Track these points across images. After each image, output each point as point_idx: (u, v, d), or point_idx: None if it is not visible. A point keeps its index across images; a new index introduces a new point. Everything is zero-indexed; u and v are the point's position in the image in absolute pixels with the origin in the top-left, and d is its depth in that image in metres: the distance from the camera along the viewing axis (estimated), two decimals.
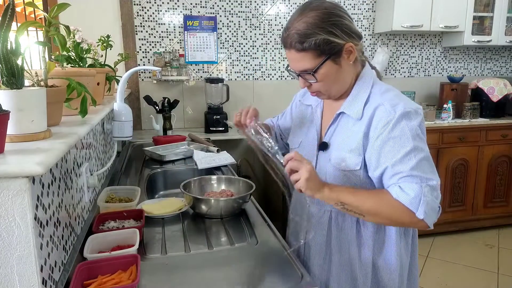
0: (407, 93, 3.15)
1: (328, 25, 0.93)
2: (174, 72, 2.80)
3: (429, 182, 0.91)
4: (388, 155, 0.94)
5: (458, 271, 2.68)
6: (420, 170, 0.91)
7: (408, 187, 0.90)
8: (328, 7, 0.95)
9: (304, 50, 0.94)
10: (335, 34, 0.93)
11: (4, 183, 0.64)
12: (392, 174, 0.93)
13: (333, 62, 0.96)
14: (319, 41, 0.92)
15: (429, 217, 0.90)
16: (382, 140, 0.94)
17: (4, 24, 0.73)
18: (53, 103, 0.92)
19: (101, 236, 1.03)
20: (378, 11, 3.23)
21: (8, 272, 0.67)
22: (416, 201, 0.89)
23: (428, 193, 0.90)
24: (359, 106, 1.00)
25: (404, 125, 0.93)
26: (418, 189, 0.89)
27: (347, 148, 1.00)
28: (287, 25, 0.97)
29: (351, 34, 0.96)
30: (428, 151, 0.96)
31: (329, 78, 0.98)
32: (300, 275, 0.94)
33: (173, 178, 1.82)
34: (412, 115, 0.94)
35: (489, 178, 3.17)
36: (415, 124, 0.94)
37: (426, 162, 0.93)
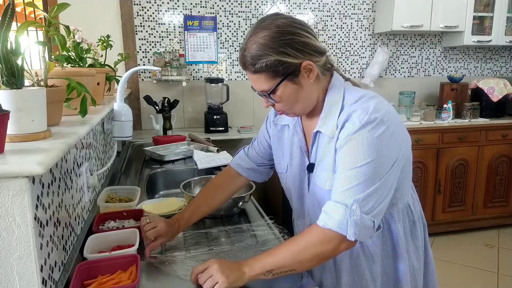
0: (407, 93, 3.15)
1: (280, 45, 0.87)
2: (174, 72, 2.80)
3: (360, 197, 0.83)
4: (339, 165, 0.89)
5: (458, 271, 2.68)
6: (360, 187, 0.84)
7: (333, 210, 0.84)
8: (280, 25, 0.88)
9: (257, 72, 0.90)
10: (287, 54, 0.87)
11: (4, 183, 0.64)
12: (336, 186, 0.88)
13: (291, 82, 0.91)
14: (270, 63, 0.87)
15: (361, 236, 0.83)
16: (339, 149, 0.90)
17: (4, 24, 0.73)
18: (53, 103, 0.92)
19: (101, 236, 1.03)
20: (378, 11, 3.23)
21: (8, 272, 0.67)
22: (343, 223, 0.82)
23: (357, 210, 0.82)
24: (333, 123, 0.94)
25: (363, 136, 0.86)
26: (343, 210, 0.82)
27: (326, 167, 0.95)
28: (242, 45, 0.92)
29: (307, 52, 0.90)
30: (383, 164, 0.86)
31: (288, 99, 0.93)
32: (300, 275, 0.94)
33: (173, 178, 1.83)
34: (376, 125, 0.86)
35: (489, 178, 3.17)
36: (376, 135, 0.85)
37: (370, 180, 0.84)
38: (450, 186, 3.09)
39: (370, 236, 0.86)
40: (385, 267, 1.03)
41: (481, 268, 2.71)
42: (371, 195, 0.84)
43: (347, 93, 0.96)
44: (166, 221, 1.08)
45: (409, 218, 1.04)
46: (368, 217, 0.84)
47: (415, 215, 1.05)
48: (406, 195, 1.02)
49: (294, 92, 0.92)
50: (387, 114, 0.89)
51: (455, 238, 3.14)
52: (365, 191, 0.84)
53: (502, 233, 3.23)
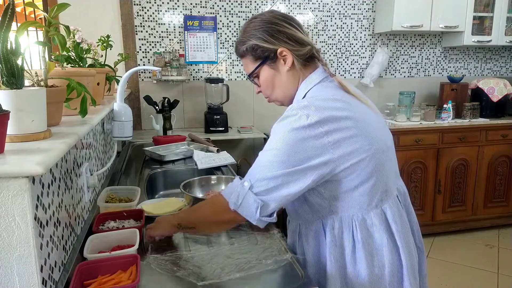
0: (407, 93, 3.15)
1: (259, 32, 1.00)
2: (174, 72, 2.80)
3: (256, 177, 0.90)
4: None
5: (458, 271, 2.68)
6: (258, 169, 0.91)
7: (233, 182, 0.97)
8: (265, 17, 1.02)
9: (242, 56, 1.06)
10: (264, 40, 0.99)
11: (4, 183, 0.64)
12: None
13: (269, 66, 1.02)
14: (248, 47, 1.02)
15: (241, 209, 0.91)
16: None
17: (4, 24, 0.73)
18: (53, 103, 0.92)
19: (101, 236, 1.03)
20: (378, 11, 3.23)
21: (8, 272, 0.67)
22: (230, 192, 0.94)
23: (246, 186, 0.91)
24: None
25: (279, 127, 0.90)
26: (237, 183, 0.94)
27: None
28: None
29: (284, 40, 0.99)
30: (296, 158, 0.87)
31: (267, 82, 1.04)
32: (300, 275, 0.94)
33: (173, 178, 1.83)
34: (295, 119, 0.87)
35: (489, 178, 3.17)
36: (290, 128, 0.87)
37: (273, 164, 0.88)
38: (450, 186, 3.09)
39: (254, 216, 0.91)
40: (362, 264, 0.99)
41: (481, 268, 2.71)
42: (266, 180, 0.89)
43: (312, 90, 0.99)
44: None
45: (353, 234, 0.96)
46: (254, 197, 0.90)
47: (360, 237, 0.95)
48: (353, 210, 0.95)
49: (271, 76, 1.04)
50: (328, 119, 0.87)
51: (455, 238, 3.14)
52: (262, 173, 0.90)
53: (502, 233, 3.23)
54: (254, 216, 0.91)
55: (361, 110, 0.95)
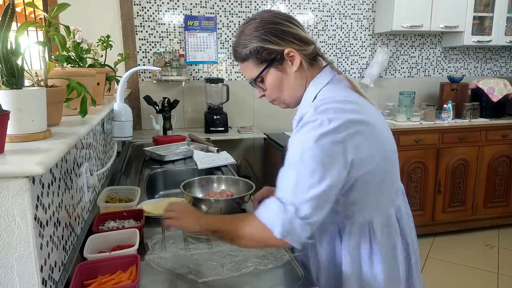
0: (407, 93, 3.15)
1: (262, 33, 0.94)
2: (174, 72, 2.80)
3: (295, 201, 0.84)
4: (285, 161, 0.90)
5: (458, 271, 2.68)
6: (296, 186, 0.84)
7: (270, 204, 0.87)
8: (265, 17, 0.96)
9: (244, 59, 0.98)
10: (269, 41, 0.94)
11: (4, 183, 0.64)
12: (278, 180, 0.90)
13: (276, 68, 0.96)
14: (253, 50, 0.95)
15: (290, 238, 0.85)
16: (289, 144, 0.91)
17: (4, 24, 0.73)
18: (53, 103, 0.92)
19: (101, 236, 1.03)
20: (378, 11, 3.23)
21: (8, 272, 0.67)
22: (274, 219, 0.85)
23: (291, 211, 0.84)
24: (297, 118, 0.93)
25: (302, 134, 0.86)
26: (280, 207, 0.85)
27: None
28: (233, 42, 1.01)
29: (289, 40, 0.94)
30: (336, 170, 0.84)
31: (274, 85, 0.98)
32: (300, 275, 0.94)
33: (173, 178, 1.82)
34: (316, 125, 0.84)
35: (489, 178, 3.17)
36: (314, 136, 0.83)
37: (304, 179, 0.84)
38: (450, 186, 3.09)
39: (300, 242, 0.86)
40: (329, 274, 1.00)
41: (481, 268, 2.71)
42: (310, 200, 0.83)
43: (323, 90, 0.95)
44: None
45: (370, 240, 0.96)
46: (301, 222, 0.84)
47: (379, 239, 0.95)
48: (370, 213, 0.95)
49: (279, 79, 0.98)
50: (348, 123, 0.85)
51: (455, 238, 3.14)
52: (304, 194, 0.83)
53: (502, 233, 3.23)
54: (300, 241, 0.86)
55: (372, 112, 0.94)
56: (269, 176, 2.99)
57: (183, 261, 1.00)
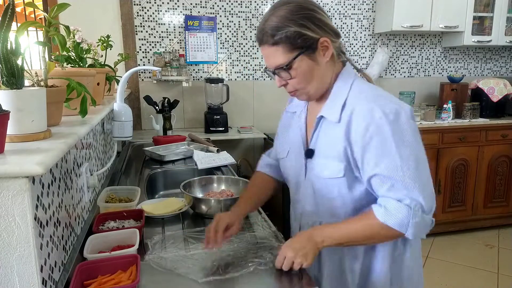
0: (407, 93, 3.15)
1: (299, 18, 0.89)
2: (174, 72, 2.80)
3: (419, 197, 0.87)
4: (371, 163, 0.90)
5: (458, 271, 2.68)
6: (409, 182, 0.87)
7: (394, 208, 0.88)
8: (300, 2, 0.91)
9: (276, 43, 0.91)
10: (307, 27, 0.89)
11: (4, 183, 0.64)
12: (378, 183, 0.91)
13: (308, 57, 0.92)
14: (290, 34, 0.89)
15: (419, 235, 0.90)
16: (363, 146, 0.90)
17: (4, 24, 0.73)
18: (53, 103, 0.92)
19: (101, 236, 1.03)
20: (378, 11, 3.23)
21: (8, 272, 0.67)
22: (405, 223, 0.87)
23: (418, 212, 0.87)
24: (337, 109, 0.95)
25: (385, 130, 0.87)
26: (406, 211, 0.87)
27: (329, 154, 0.96)
28: (261, 21, 0.94)
29: (325, 29, 0.92)
30: (417, 151, 0.92)
31: (304, 75, 0.94)
32: (300, 275, 0.94)
33: (173, 178, 1.82)
34: (392, 117, 0.88)
35: (489, 178, 3.17)
36: (402, 130, 0.88)
37: (415, 171, 0.88)
38: (450, 186, 3.09)
39: (426, 232, 0.91)
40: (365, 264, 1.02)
41: (481, 268, 2.71)
42: (426, 190, 0.89)
43: (355, 84, 0.97)
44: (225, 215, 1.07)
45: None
46: (429, 217, 0.90)
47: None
48: None
49: (309, 67, 0.93)
50: (399, 103, 0.92)
51: (455, 238, 3.14)
52: (420, 190, 0.88)
53: (502, 233, 3.23)
54: (427, 232, 0.92)
55: None
56: None
57: (183, 261, 1.00)
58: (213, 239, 1.01)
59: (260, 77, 3.14)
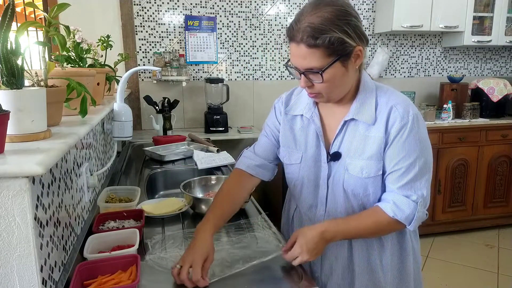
0: (407, 93, 3.15)
1: (344, 24, 0.87)
2: (174, 72, 2.80)
3: (424, 193, 0.98)
4: (395, 159, 0.97)
5: (458, 271, 2.68)
6: (419, 180, 0.97)
7: (403, 204, 0.96)
8: (344, 5, 0.89)
9: (316, 46, 0.87)
10: (349, 35, 0.87)
11: (4, 183, 0.64)
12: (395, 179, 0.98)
13: (341, 64, 0.90)
14: (333, 39, 0.86)
15: (416, 227, 1.00)
16: (395, 143, 0.96)
17: (4, 24, 0.73)
18: (53, 103, 0.92)
19: (101, 236, 1.03)
20: (378, 11, 3.23)
21: (8, 272, 0.67)
22: (410, 217, 0.97)
23: (421, 207, 0.97)
24: (371, 111, 0.97)
25: (416, 131, 0.96)
26: (414, 207, 0.96)
27: (365, 155, 0.98)
28: (298, 17, 0.89)
29: (362, 38, 0.91)
30: (429, 154, 1.00)
31: (334, 81, 0.92)
32: (300, 275, 0.94)
33: (173, 178, 1.82)
34: (420, 120, 0.97)
35: (489, 178, 3.17)
36: (423, 130, 0.98)
37: (424, 170, 0.98)
38: (450, 186, 3.09)
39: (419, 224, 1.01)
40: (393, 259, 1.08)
41: (481, 268, 2.71)
42: (428, 192, 0.98)
43: (378, 87, 1.03)
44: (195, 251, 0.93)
45: None
46: (425, 211, 0.99)
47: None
48: None
49: (340, 74, 0.93)
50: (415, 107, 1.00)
51: (455, 238, 3.14)
52: (426, 187, 0.97)
53: (502, 233, 3.23)
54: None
55: None
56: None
57: None
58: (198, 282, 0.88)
59: (260, 77, 3.14)
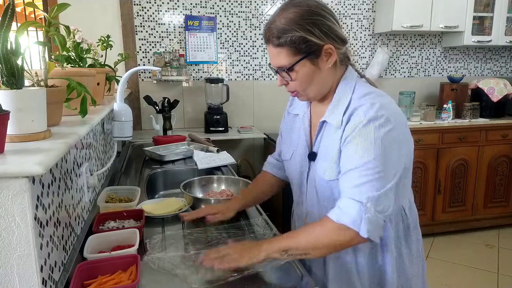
0: (407, 93, 3.15)
1: (307, 23, 0.90)
2: (174, 72, 2.80)
3: (374, 195, 0.86)
4: (347, 160, 0.91)
5: (458, 271, 2.68)
6: (370, 182, 0.87)
7: (348, 206, 0.87)
8: (311, 6, 0.92)
9: (280, 45, 0.92)
10: (313, 33, 0.90)
11: (4, 183, 0.64)
12: (344, 181, 0.91)
13: (310, 62, 0.93)
14: (295, 38, 0.90)
15: (373, 234, 0.87)
16: (347, 143, 0.92)
17: (4, 24, 0.73)
18: (53, 103, 0.92)
19: (101, 236, 1.03)
20: (378, 11, 3.23)
21: (8, 272, 0.67)
22: (358, 220, 0.85)
23: (371, 208, 0.86)
24: (339, 114, 0.96)
25: (372, 131, 0.88)
26: (358, 208, 0.86)
27: (329, 157, 0.98)
28: (270, 19, 0.95)
29: (331, 36, 0.93)
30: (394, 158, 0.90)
31: (304, 78, 0.96)
32: (300, 275, 0.94)
33: (173, 178, 1.82)
34: (384, 123, 0.88)
35: (489, 178, 3.17)
36: (388, 134, 0.88)
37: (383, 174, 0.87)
38: (450, 186, 3.09)
39: (380, 235, 0.89)
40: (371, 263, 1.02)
41: (481, 268, 2.71)
42: (384, 194, 0.87)
43: (357, 87, 0.98)
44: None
45: (403, 222, 1.04)
46: (381, 216, 0.87)
47: (410, 220, 1.04)
48: (403, 198, 1.03)
49: (311, 72, 0.95)
50: (394, 114, 0.91)
51: (455, 238, 3.14)
52: (378, 189, 0.86)
53: (502, 233, 3.23)
54: (380, 235, 0.89)
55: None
56: None
57: (181, 262, 0.99)
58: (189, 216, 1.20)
59: (260, 77, 3.14)
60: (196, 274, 0.93)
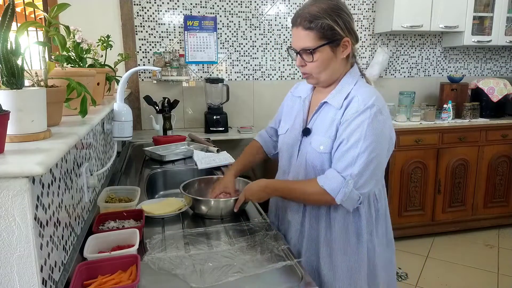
0: (407, 93, 3.15)
1: (336, 15, 1.07)
2: (174, 72, 2.80)
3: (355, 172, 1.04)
4: (342, 139, 1.08)
5: (458, 271, 2.68)
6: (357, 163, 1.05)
7: (333, 177, 1.07)
8: (339, 2, 1.11)
9: (310, 29, 1.07)
10: (338, 24, 1.08)
11: (4, 183, 0.64)
12: (336, 156, 1.09)
13: (330, 49, 1.10)
14: (324, 25, 1.06)
15: (347, 204, 1.08)
16: (345, 124, 1.08)
17: (4, 24, 0.73)
18: (53, 103, 0.92)
19: (101, 236, 1.03)
20: (378, 11, 3.23)
21: (8, 272, 0.67)
22: (336, 189, 1.06)
23: (350, 184, 1.05)
24: (341, 98, 1.13)
25: (370, 121, 1.05)
26: (341, 181, 1.05)
27: (326, 134, 1.14)
28: (302, 6, 1.12)
29: (351, 32, 1.11)
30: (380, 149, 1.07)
31: (323, 62, 1.11)
32: (300, 275, 0.94)
33: (173, 178, 1.83)
34: (380, 116, 1.06)
35: (489, 178, 3.17)
36: (379, 125, 1.06)
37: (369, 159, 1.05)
38: (450, 186, 3.09)
39: (354, 206, 1.09)
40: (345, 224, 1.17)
41: (481, 268, 2.71)
42: (364, 174, 1.06)
43: (359, 82, 1.16)
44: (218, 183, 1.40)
45: (375, 206, 1.19)
46: (357, 192, 1.06)
47: (379, 207, 1.20)
48: (377, 184, 1.16)
49: (328, 58, 1.11)
50: (384, 107, 1.10)
51: (455, 238, 3.14)
52: (363, 169, 1.05)
53: (502, 233, 3.23)
54: (354, 206, 1.10)
55: None
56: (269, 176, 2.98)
57: (182, 261, 0.99)
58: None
59: (260, 77, 3.14)
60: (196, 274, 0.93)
